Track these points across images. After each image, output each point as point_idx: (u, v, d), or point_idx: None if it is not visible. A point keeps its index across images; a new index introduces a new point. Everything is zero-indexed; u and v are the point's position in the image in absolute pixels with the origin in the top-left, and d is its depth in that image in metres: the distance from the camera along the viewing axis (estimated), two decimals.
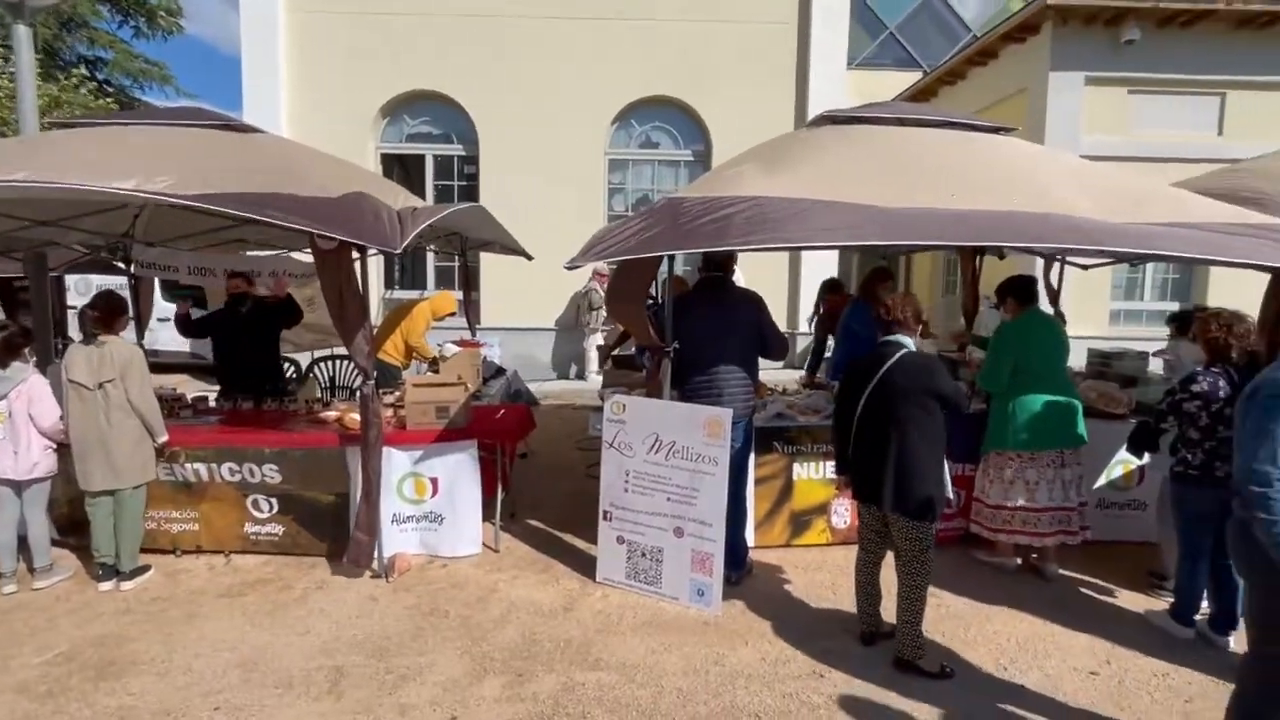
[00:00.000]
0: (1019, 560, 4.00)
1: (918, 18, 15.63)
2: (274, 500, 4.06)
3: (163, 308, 9.02)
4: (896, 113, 4.31)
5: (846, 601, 3.56)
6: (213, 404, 4.79)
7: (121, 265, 5.66)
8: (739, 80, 10.30)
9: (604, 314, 9.99)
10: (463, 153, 10.66)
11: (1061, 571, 3.92)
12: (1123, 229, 3.18)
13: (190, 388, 6.51)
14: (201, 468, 4.02)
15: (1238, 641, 3.13)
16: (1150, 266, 9.60)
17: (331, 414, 4.40)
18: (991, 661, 3.10)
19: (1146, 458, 3.73)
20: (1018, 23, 9.52)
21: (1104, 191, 3.64)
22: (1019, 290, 4.09)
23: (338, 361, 7.05)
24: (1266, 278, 3.65)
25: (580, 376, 10.30)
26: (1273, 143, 6.71)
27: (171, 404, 4.46)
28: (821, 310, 6.66)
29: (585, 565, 3.95)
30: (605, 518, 3.79)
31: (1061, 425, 3.88)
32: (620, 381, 5.35)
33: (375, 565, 3.85)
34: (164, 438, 3.81)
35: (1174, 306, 8.92)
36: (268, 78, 9.97)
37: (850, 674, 2.99)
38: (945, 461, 3.02)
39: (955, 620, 3.44)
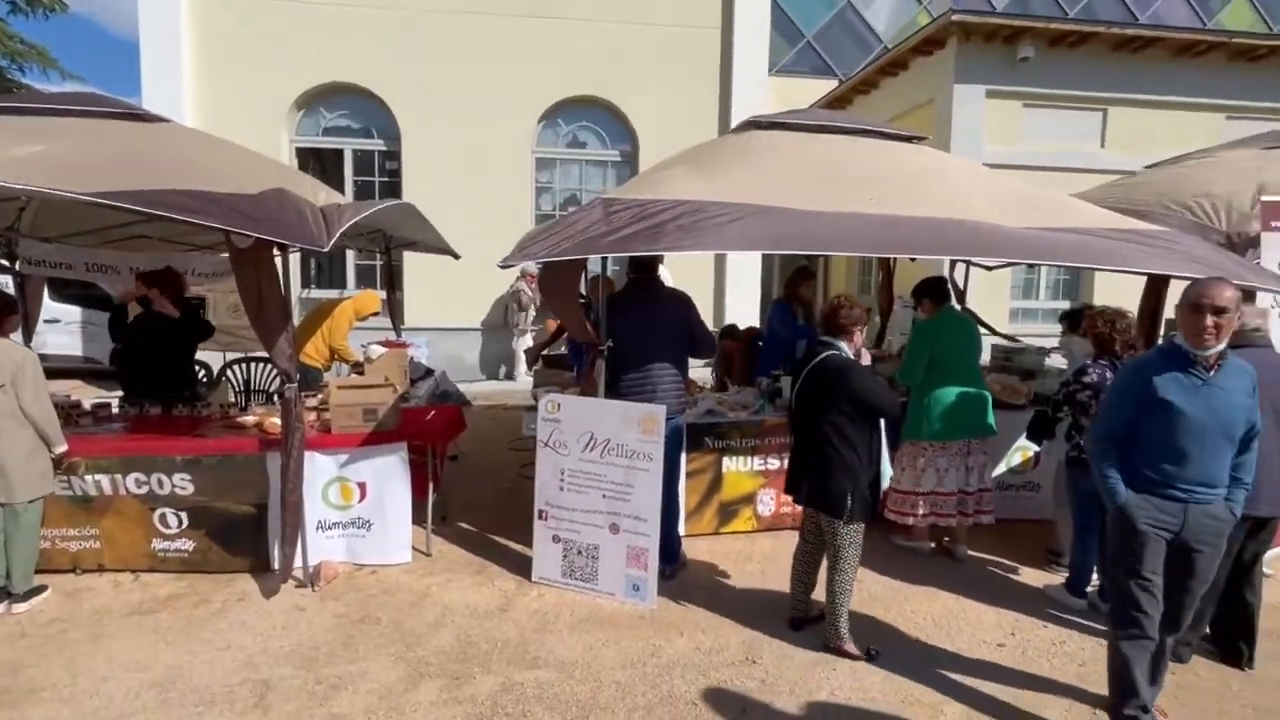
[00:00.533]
0: (933, 544, 4.26)
1: (833, 28, 16.21)
2: (185, 514, 3.82)
3: (50, 309, 8.35)
4: (818, 120, 4.51)
5: (775, 587, 3.71)
6: (116, 410, 4.49)
7: (5, 263, 5.21)
8: (664, 83, 10.44)
9: (533, 314, 9.94)
10: (384, 148, 10.35)
11: (970, 553, 4.20)
12: (1034, 238, 3.45)
13: (84, 393, 6.07)
14: (104, 479, 3.76)
15: None
16: (1044, 268, 10.36)
17: (250, 419, 4.21)
18: (910, 639, 3.30)
19: (1044, 444, 4.06)
20: (925, 37, 10.07)
21: (1008, 198, 3.94)
22: (934, 291, 4.35)
23: (252, 364, 6.73)
24: (1144, 279, 4.05)
25: (509, 377, 10.20)
26: (1147, 155, 7.39)
27: (69, 411, 4.16)
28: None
29: (521, 565, 3.94)
30: (541, 517, 3.80)
31: (974, 416, 4.16)
32: (551, 381, 5.36)
33: (300, 574, 3.72)
34: (62, 447, 3.55)
35: (1065, 305, 9.65)
36: (169, 61, 9.37)
37: (781, 658, 3.12)
38: (883, 461, 3.19)
39: (875, 602, 3.64)
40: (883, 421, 3.20)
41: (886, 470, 3.36)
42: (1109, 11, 16.91)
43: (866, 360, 3.31)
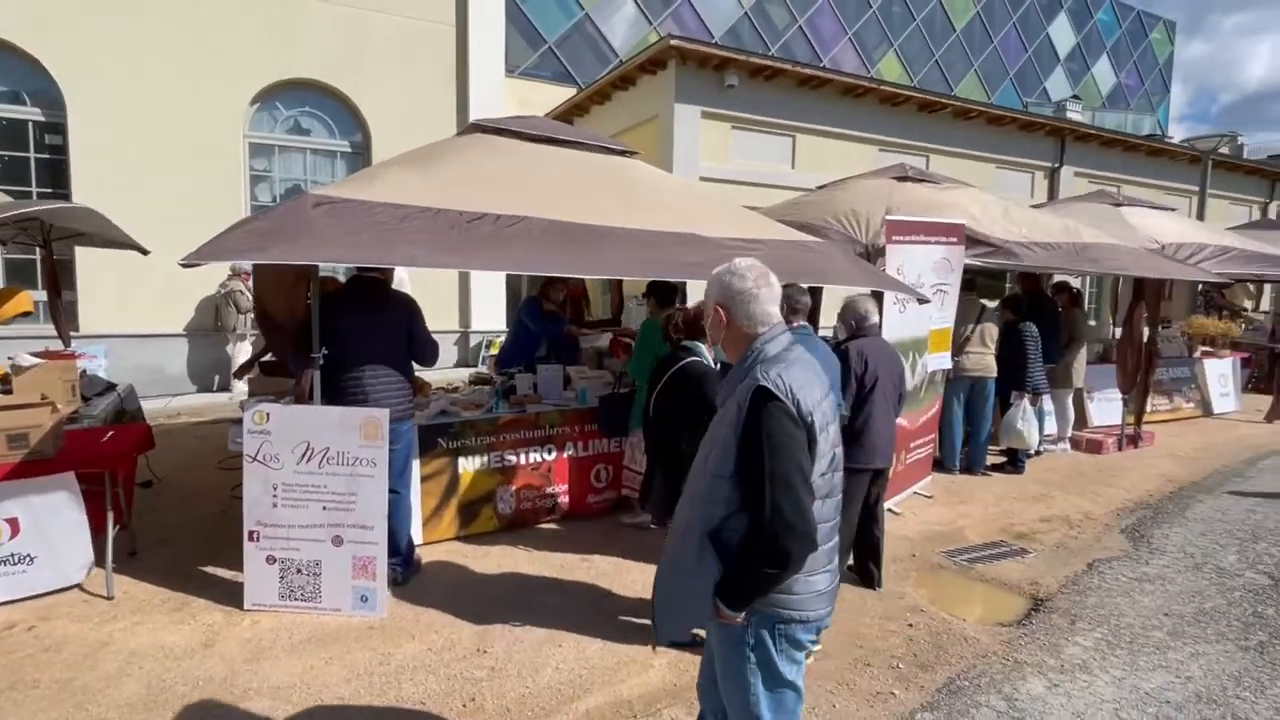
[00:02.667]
0: (650, 516, 4.73)
1: (573, 36, 16.84)
2: None
3: None
4: (541, 129, 4.72)
5: (510, 581, 3.86)
6: None
7: None
8: (399, 75, 10.04)
9: (253, 317, 8.93)
10: (40, 117, 8.53)
11: None
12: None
13: None
14: None
15: None
16: None
17: None
18: (630, 608, 3.66)
19: None
20: (648, 57, 10.95)
21: (713, 210, 4.52)
22: (660, 292, 4.82)
23: None
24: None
25: (225, 388, 9.06)
26: (825, 176, 8.86)
27: None
28: None
29: (231, 595, 3.59)
30: (251, 538, 3.50)
31: None
32: (269, 390, 4.92)
33: None
34: None
35: None
36: None
37: (511, 644, 3.27)
38: None
39: (603, 577, 3.96)
40: None
41: None
42: (802, 51, 19.89)
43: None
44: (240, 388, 8.19)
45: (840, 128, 12.38)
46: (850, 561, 4.01)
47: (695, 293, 5.39)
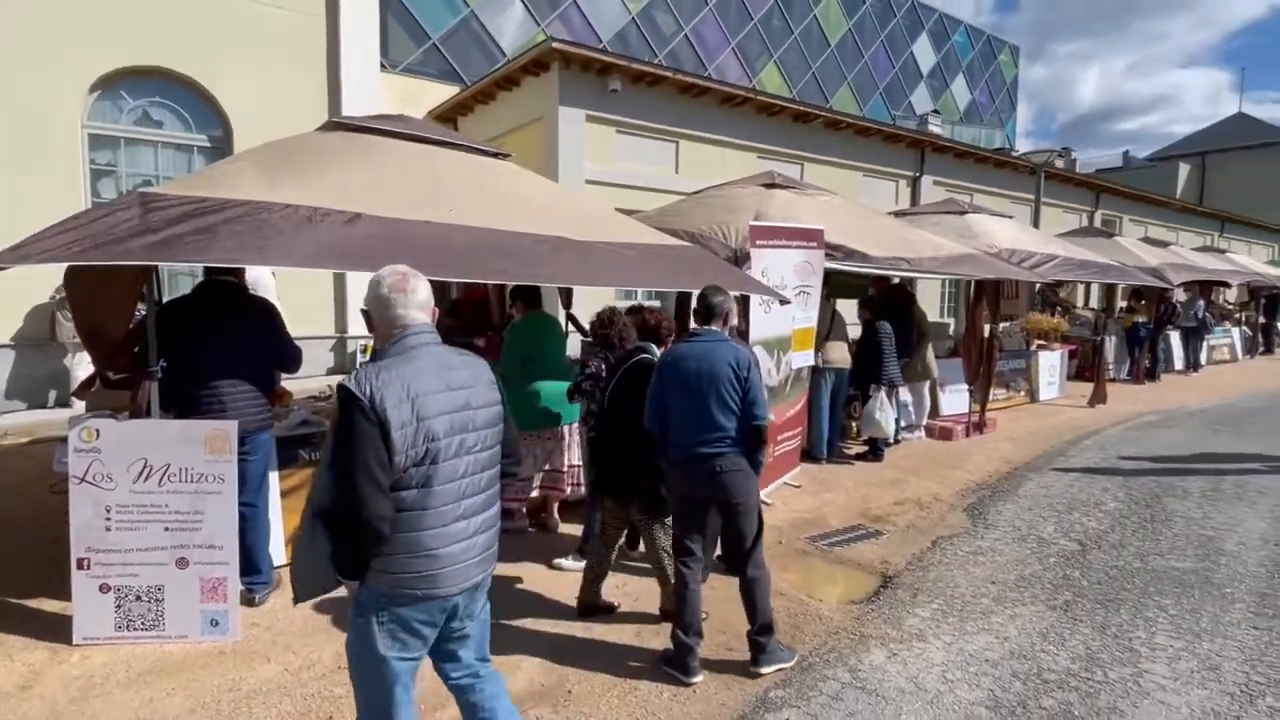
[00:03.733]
0: (527, 521, 4.75)
1: (459, 33, 16.46)
2: None
3: None
4: (407, 128, 4.62)
5: None
6: None
7: None
8: (263, 65, 9.46)
9: None
10: None
11: (562, 528, 4.80)
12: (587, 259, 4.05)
13: None
14: None
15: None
16: None
17: None
18: (502, 609, 3.64)
19: None
20: (531, 58, 10.91)
21: (583, 214, 4.57)
22: (527, 295, 4.83)
23: None
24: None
25: (62, 404, 8.21)
26: (706, 182, 9.12)
27: None
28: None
29: (58, 630, 3.28)
30: (81, 566, 3.22)
31: (561, 406, 4.73)
32: (108, 404, 4.52)
33: None
34: None
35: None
36: None
37: None
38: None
39: None
40: None
41: None
42: (689, 58, 20.42)
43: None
44: (80, 403, 7.44)
45: (721, 135, 12.82)
46: (719, 552, 4.19)
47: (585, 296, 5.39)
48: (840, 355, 6.51)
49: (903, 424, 7.38)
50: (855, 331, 6.82)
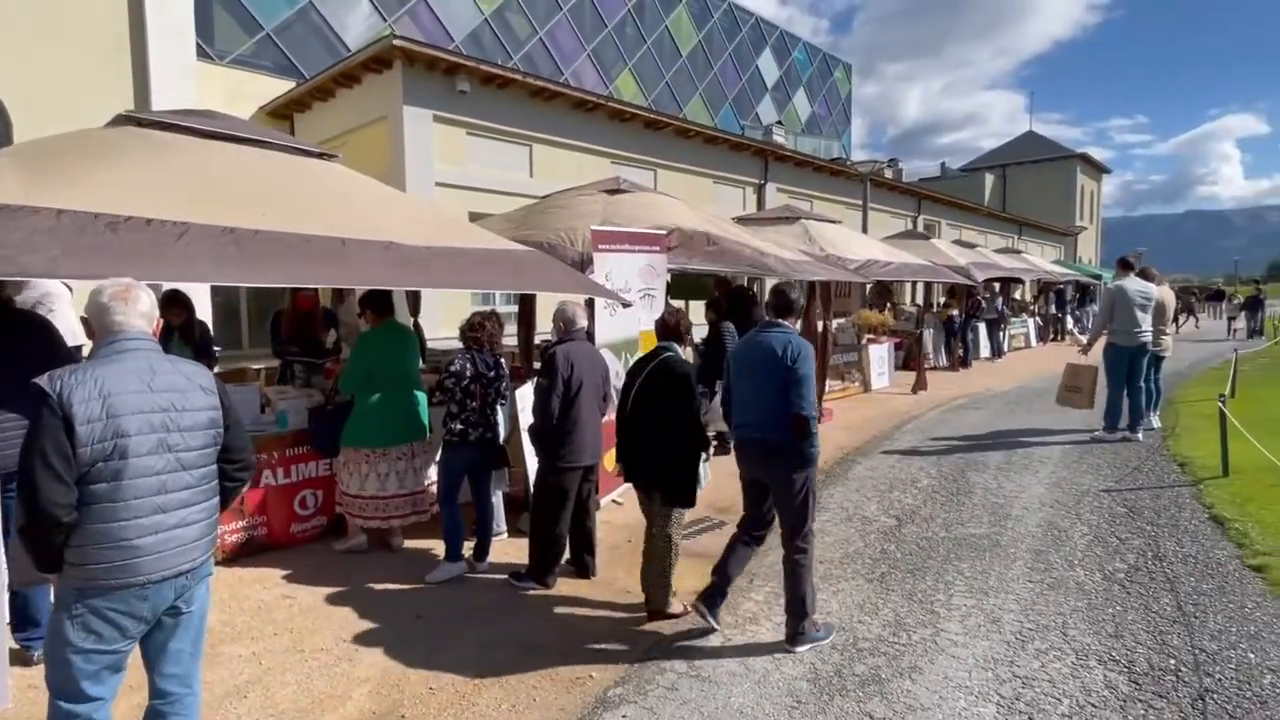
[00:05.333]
0: (365, 538, 4.53)
1: (296, 26, 15.35)
2: None
3: None
4: (215, 125, 4.24)
5: None
6: None
7: None
8: (50, 51, 8.32)
9: None
10: None
11: (406, 542, 4.61)
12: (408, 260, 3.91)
13: None
14: None
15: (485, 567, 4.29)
16: None
17: None
18: (334, 639, 3.44)
19: None
20: (371, 55, 10.42)
21: (411, 218, 4.41)
22: (376, 303, 4.58)
23: None
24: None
25: None
26: (560, 186, 9.10)
27: None
28: None
29: None
30: None
31: (409, 420, 4.54)
32: None
33: None
34: None
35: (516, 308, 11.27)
36: None
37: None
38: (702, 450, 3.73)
39: (306, 614, 3.69)
40: None
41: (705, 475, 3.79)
42: (544, 62, 20.34)
43: None
44: None
45: (576, 140, 12.90)
46: (567, 555, 4.21)
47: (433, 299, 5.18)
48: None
49: None
50: (701, 332, 7.11)
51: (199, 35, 11.61)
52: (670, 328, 3.93)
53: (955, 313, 13.33)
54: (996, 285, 16.19)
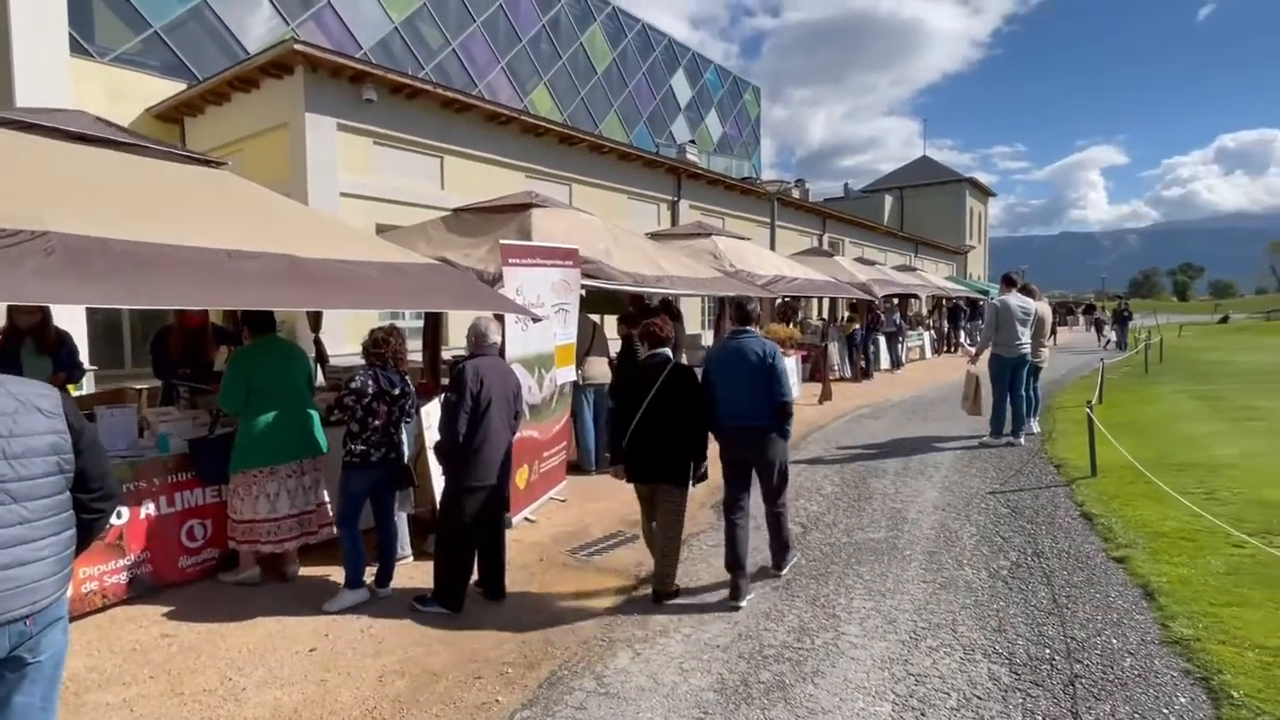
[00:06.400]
0: (259, 569, 4.26)
1: (189, 25, 14.43)
2: None
3: None
4: (81, 127, 3.95)
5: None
6: None
7: None
8: None
9: None
10: None
11: (302, 571, 4.37)
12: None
13: None
14: None
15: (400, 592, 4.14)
16: None
17: None
18: (219, 678, 3.22)
19: None
20: (270, 59, 9.97)
21: (317, 230, 4.22)
22: (255, 321, 4.35)
23: None
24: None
25: None
26: (474, 198, 8.95)
27: None
28: None
29: None
30: None
31: (300, 437, 4.31)
32: None
33: None
34: None
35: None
36: None
37: None
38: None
39: (188, 653, 3.43)
40: None
41: None
42: (457, 73, 20.02)
43: None
44: None
45: (488, 152, 12.75)
46: (475, 577, 4.10)
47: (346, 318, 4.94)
48: (600, 370, 6.78)
49: None
50: (615, 346, 7.14)
51: (77, 30, 10.82)
52: (660, 338, 4.19)
53: (858, 326, 13.99)
54: (895, 300, 17.10)
